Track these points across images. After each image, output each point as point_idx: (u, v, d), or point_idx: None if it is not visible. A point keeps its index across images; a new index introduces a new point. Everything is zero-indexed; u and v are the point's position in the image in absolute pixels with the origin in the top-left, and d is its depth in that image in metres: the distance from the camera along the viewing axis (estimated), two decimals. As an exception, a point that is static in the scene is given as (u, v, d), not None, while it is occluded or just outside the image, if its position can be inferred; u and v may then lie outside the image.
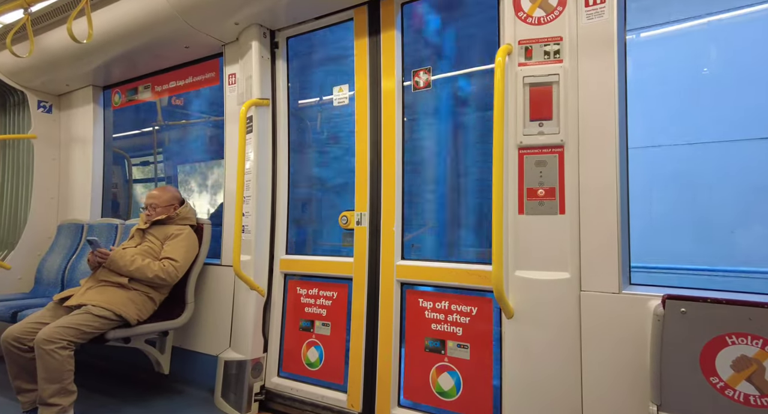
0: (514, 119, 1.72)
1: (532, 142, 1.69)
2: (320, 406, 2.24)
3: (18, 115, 3.70)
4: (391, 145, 2.20)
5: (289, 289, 2.52)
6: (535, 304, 1.63)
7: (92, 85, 3.57)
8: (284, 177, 2.61)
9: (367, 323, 2.18)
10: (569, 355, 1.57)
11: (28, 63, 3.23)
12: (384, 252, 2.18)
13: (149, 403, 2.48)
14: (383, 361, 2.10)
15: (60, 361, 1.96)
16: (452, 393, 1.92)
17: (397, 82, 2.22)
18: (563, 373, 1.57)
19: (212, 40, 2.71)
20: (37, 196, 3.59)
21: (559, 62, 1.66)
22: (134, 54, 2.96)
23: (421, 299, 2.06)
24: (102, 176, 3.65)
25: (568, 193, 1.63)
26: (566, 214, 1.62)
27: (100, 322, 2.10)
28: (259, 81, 2.53)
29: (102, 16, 2.67)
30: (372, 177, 2.25)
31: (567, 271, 1.60)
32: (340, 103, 2.48)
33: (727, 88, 2.78)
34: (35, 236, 3.56)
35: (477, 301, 1.92)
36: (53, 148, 3.72)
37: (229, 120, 2.76)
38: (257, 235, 2.47)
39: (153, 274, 2.27)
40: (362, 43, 2.32)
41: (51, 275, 3.29)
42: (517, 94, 1.72)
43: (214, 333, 2.63)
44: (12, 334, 2.08)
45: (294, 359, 2.43)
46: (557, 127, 1.66)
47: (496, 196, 1.58)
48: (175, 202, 2.57)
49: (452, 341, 1.95)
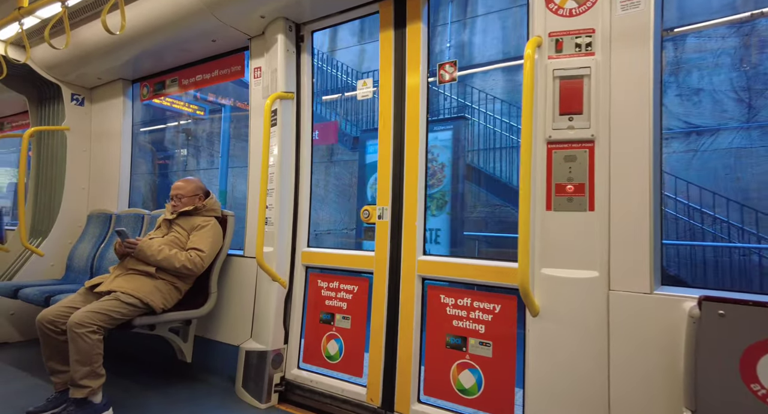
0: (542, 113, 1.68)
1: (561, 137, 1.65)
2: (339, 398, 2.25)
3: (53, 108, 3.83)
4: (414, 140, 2.19)
5: (311, 281, 2.54)
6: (562, 303, 1.59)
7: (122, 79, 3.65)
8: (307, 170, 2.62)
9: (387, 318, 2.17)
10: (597, 357, 1.53)
11: (64, 57, 3.33)
12: (405, 247, 2.17)
13: (171, 391, 2.53)
14: (403, 357, 2.09)
15: (90, 344, 2.01)
16: (473, 391, 1.90)
17: (422, 75, 2.20)
18: (590, 374, 1.53)
19: (239, 34, 2.74)
20: (69, 186, 3.71)
21: (591, 55, 1.62)
22: (163, 48, 3.01)
23: (443, 295, 2.04)
24: (129, 168, 3.75)
25: (598, 189, 1.58)
26: (596, 211, 1.58)
27: (128, 308, 2.16)
28: (284, 74, 2.54)
29: (133, 10, 2.72)
30: (394, 171, 2.24)
31: (596, 270, 1.55)
32: (363, 96, 2.47)
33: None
34: (67, 225, 3.68)
35: (500, 298, 1.89)
36: (84, 140, 3.83)
37: (254, 113, 2.78)
38: (280, 227, 2.49)
39: (180, 264, 2.31)
40: (387, 36, 2.30)
41: (81, 263, 3.40)
42: (546, 87, 1.68)
43: (236, 323, 2.67)
44: (46, 317, 2.15)
45: (314, 351, 2.45)
46: (588, 122, 1.61)
47: (523, 191, 1.55)
48: (199, 192, 2.61)
49: (474, 338, 1.93)
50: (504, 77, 7.52)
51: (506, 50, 7.65)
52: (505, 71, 7.47)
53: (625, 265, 1.52)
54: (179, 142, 7.97)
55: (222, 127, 7.45)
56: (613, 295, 1.52)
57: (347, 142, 7.47)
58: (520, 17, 7.53)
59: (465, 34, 7.71)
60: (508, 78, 7.49)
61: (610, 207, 1.56)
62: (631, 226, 1.52)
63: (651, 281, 1.47)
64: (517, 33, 7.53)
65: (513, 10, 7.67)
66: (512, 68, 7.34)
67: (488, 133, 6.99)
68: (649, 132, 1.52)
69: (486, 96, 7.17)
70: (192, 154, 8.06)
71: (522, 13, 7.60)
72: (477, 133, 7.01)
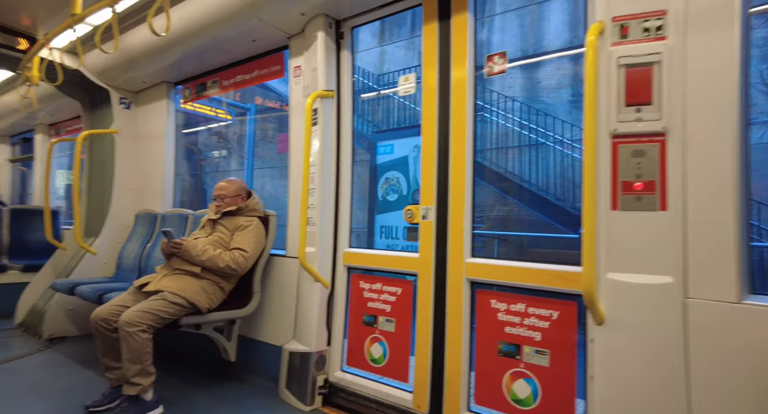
0: (606, 105, 1.55)
1: (627, 130, 1.51)
2: (385, 404, 2.19)
3: (103, 112, 3.97)
4: (461, 136, 2.09)
5: (352, 282, 2.49)
6: (630, 311, 1.46)
7: (165, 82, 3.74)
8: (348, 169, 2.57)
9: (434, 322, 2.09)
10: (674, 373, 1.39)
11: (113, 62, 3.44)
12: (452, 248, 2.08)
13: (217, 390, 2.56)
14: (452, 363, 2.00)
15: (140, 343, 2.05)
16: (529, 401, 1.79)
17: (469, 68, 2.10)
18: (666, 393, 1.39)
19: (278, 33, 2.72)
20: (117, 187, 3.84)
21: (662, 40, 1.47)
22: (205, 49, 3.05)
23: (494, 300, 1.94)
24: (173, 168, 3.84)
25: (671, 186, 1.44)
26: (668, 210, 1.43)
27: (175, 308, 2.18)
28: (325, 72, 2.50)
29: (177, 13, 2.76)
30: (439, 169, 2.15)
31: (669, 275, 1.41)
32: (406, 92, 2.39)
33: None
34: (116, 225, 3.81)
35: (558, 304, 1.77)
36: (131, 142, 3.95)
37: (294, 112, 2.76)
38: (322, 227, 2.46)
39: (224, 264, 2.32)
40: (431, 28, 2.21)
41: (129, 261, 3.50)
42: (610, 77, 1.55)
43: (279, 323, 2.66)
44: (100, 315, 2.20)
45: (357, 354, 2.40)
46: (658, 113, 1.47)
47: (587, 189, 1.44)
48: (242, 192, 2.61)
49: (529, 346, 1.82)
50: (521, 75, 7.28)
51: (524, 47, 7.43)
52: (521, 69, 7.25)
53: (705, 271, 1.37)
54: (211, 144, 8.20)
55: (247, 129, 7.61)
56: (692, 304, 1.38)
57: (362, 142, 7.50)
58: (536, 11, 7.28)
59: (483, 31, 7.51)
60: (527, 76, 7.24)
61: (686, 206, 1.42)
62: (713, 227, 1.37)
63: (738, 289, 1.32)
64: (535, 27, 7.28)
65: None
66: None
67: (499, 131, 6.80)
68: (735, 122, 1.36)
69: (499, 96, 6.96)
70: (225, 156, 8.28)
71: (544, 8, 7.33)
72: (490, 132, 6.84)
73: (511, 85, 7.23)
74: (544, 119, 6.60)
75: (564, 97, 6.96)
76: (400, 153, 5.88)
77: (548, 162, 6.33)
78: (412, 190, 5.74)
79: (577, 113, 6.64)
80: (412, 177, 5.81)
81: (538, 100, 7.04)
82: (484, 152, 6.72)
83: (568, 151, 6.30)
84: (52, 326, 3.43)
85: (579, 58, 6.85)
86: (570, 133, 6.38)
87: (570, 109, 6.81)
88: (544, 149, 6.47)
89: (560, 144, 6.37)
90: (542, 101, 7.02)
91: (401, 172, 5.68)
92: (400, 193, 5.65)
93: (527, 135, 6.62)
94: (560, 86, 6.97)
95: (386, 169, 5.78)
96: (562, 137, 6.39)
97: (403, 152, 5.88)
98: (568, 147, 6.32)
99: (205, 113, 5.75)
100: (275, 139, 8.09)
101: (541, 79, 7.19)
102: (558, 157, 6.33)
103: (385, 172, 5.77)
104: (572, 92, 6.89)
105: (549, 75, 7.13)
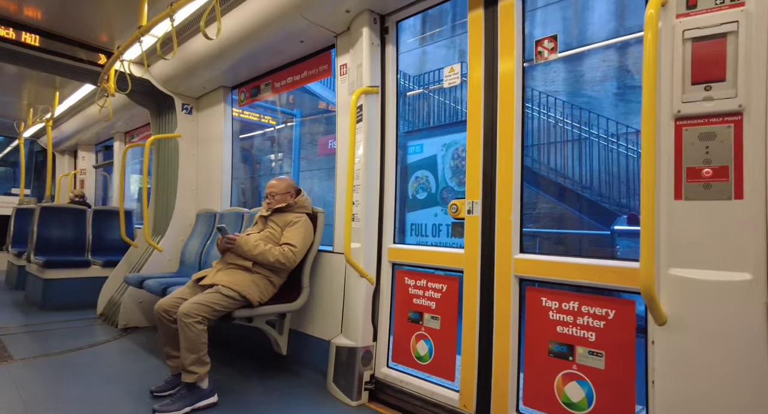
0: (669, 85, 1.41)
1: (694, 111, 1.36)
2: (430, 402, 2.15)
3: (168, 118, 4.27)
4: (508, 127, 2.00)
5: (397, 278, 2.47)
6: (699, 311, 1.31)
7: (222, 87, 3.94)
8: (392, 165, 2.56)
9: (480, 320, 2.02)
10: (751, 382, 1.23)
11: (176, 71, 3.69)
12: (499, 244, 1.99)
13: (269, 382, 2.64)
14: (499, 363, 1.92)
15: (197, 333, 2.16)
16: (583, 405, 1.67)
17: (517, 56, 2.01)
18: (740, 403, 1.24)
19: (325, 32, 2.77)
20: (181, 188, 4.11)
21: (740, 6, 1.31)
22: (256, 52, 3.17)
23: (545, 298, 1.83)
24: (231, 169, 4.04)
25: (749, 172, 1.28)
26: (745, 199, 1.27)
27: (228, 301, 2.28)
28: (369, 68, 2.51)
29: (229, 19, 2.90)
30: (485, 161, 2.07)
31: (747, 272, 1.25)
32: (451, 83, 2.34)
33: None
34: (180, 223, 4.07)
35: (615, 303, 1.64)
36: (193, 145, 4.21)
37: (341, 110, 2.79)
38: (366, 223, 2.46)
39: (274, 259, 2.39)
40: (477, 16, 2.14)
41: (191, 258, 3.73)
42: (674, 53, 1.40)
43: (327, 318, 2.70)
44: (162, 307, 2.36)
45: (403, 351, 2.38)
46: (733, 90, 1.31)
47: (646, 178, 1.31)
48: (291, 190, 2.68)
49: (582, 347, 1.70)
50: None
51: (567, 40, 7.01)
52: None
53: None
54: (265, 148, 8.59)
55: (294, 133, 7.89)
56: None
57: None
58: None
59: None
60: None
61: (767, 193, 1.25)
62: None
63: (832, 288, 1.14)
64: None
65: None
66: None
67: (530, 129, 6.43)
68: None
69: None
70: (279, 159, 8.63)
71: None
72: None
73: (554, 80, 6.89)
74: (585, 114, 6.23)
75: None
76: (429, 152, 5.83)
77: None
78: (440, 189, 5.66)
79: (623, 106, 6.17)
80: (441, 176, 5.72)
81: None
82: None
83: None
84: (126, 317, 3.73)
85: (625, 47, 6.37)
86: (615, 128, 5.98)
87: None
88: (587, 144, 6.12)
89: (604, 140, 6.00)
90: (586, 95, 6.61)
91: (430, 172, 5.63)
92: (429, 191, 5.60)
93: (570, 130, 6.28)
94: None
95: (416, 169, 5.76)
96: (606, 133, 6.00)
97: (432, 151, 5.82)
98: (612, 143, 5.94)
99: (253, 120, 6.06)
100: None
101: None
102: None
103: (415, 171, 5.75)
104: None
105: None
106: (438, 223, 5.56)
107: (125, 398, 2.31)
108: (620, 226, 5.15)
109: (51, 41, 3.65)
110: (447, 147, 5.70)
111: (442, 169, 5.69)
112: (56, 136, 6.82)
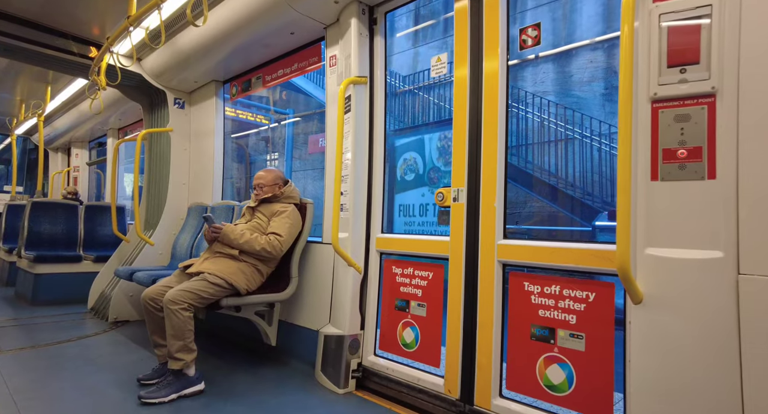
0: (645, 68, 1.43)
1: (669, 93, 1.39)
2: (416, 388, 2.16)
3: (160, 113, 4.27)
4: (493, 114, 2.02)
5: (385, 267, 2.48)
6: (673, 289, 1.33)
7: (214, 80, 3.95)
8: (380, 156, 2.57)
9: (465, 306, 2.03)
10: (724, 356, 1.25)
11: (167, 65, 3.69)
12: (483, 231, 2.01)
13: (257, 372, 2.65)
14: (483, 347, 1.94)
15: (182, 320, 2.17)
16: (563, 387, 1.69)
17: (501, 44, 2.03)
18: (714, 378, 1.26)
19: (315, 24, 2.78)
20: (173, 182, 4.11)
21: None
22: (247, 45, 3.18)
23: (527, 282, 1.85)
24: (222, 163, 4.04)
25: (722, 152, 1.30)
26: (718, 179, 1.30)
27: (215, 288, 2.29)
28: (358, 59, 2.52)
29: (220, 11, 2.91)
30: (471, 149, 2.09)
31: (719, 249, 1.28)
32: (438, 72, 2.35)
33: None
34: (171, 217, 4.07)
35: (595, 285, 1.66)
36: (185, 139, 4.21)
37: (330, 101, 2.81)
38: (354, 213, 2.48)
39: (260, 247, 2.40)
40: (463, 6, 2.16)
41: (182, 251, 3.73)
42: (651, 37, 1.43)
43: (316, 308, 2.71)
44: (148, 295, 2.36)
45: (390, 339, 2.39)
46: (707, 72, 1.33)
47: (622, 159, 1.33)
48: (279, 181, 2.69)
49: (563, 330, 1.71)
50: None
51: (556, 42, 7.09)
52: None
53: (761, 244, 1.22)
54: (259, 148, 8.61)
55: (286, 132, 7.92)
56: (745, 280, 1.23)
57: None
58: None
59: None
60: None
61: (739, 173, 1.27)
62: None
63: (800, 263, 1.16)
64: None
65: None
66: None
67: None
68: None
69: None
70: (271, 160, 8.66)
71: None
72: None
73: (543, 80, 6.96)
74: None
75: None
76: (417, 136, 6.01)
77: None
78: (428, 169, 5.78)
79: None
80: (428, 157, 5.84)
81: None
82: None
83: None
84: (116, 310, 3.72)
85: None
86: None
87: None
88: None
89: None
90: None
91: (418, 153, 5.73)
92: (416, 172, 5.71)
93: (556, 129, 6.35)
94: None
95: (404, 151, 5.87)
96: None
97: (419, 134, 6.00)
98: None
99: (247, 119, 6.09)
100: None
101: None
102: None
103: (404, 152, 5.86)
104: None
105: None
106: (425, 203, 5.70)
107: (113, 387, 2.31)
108: (601, 221, 5.31)
109: (41, 34, 3.65)
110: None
111: (429, 150, 5.78)
112: (49, 133, 6.80)
